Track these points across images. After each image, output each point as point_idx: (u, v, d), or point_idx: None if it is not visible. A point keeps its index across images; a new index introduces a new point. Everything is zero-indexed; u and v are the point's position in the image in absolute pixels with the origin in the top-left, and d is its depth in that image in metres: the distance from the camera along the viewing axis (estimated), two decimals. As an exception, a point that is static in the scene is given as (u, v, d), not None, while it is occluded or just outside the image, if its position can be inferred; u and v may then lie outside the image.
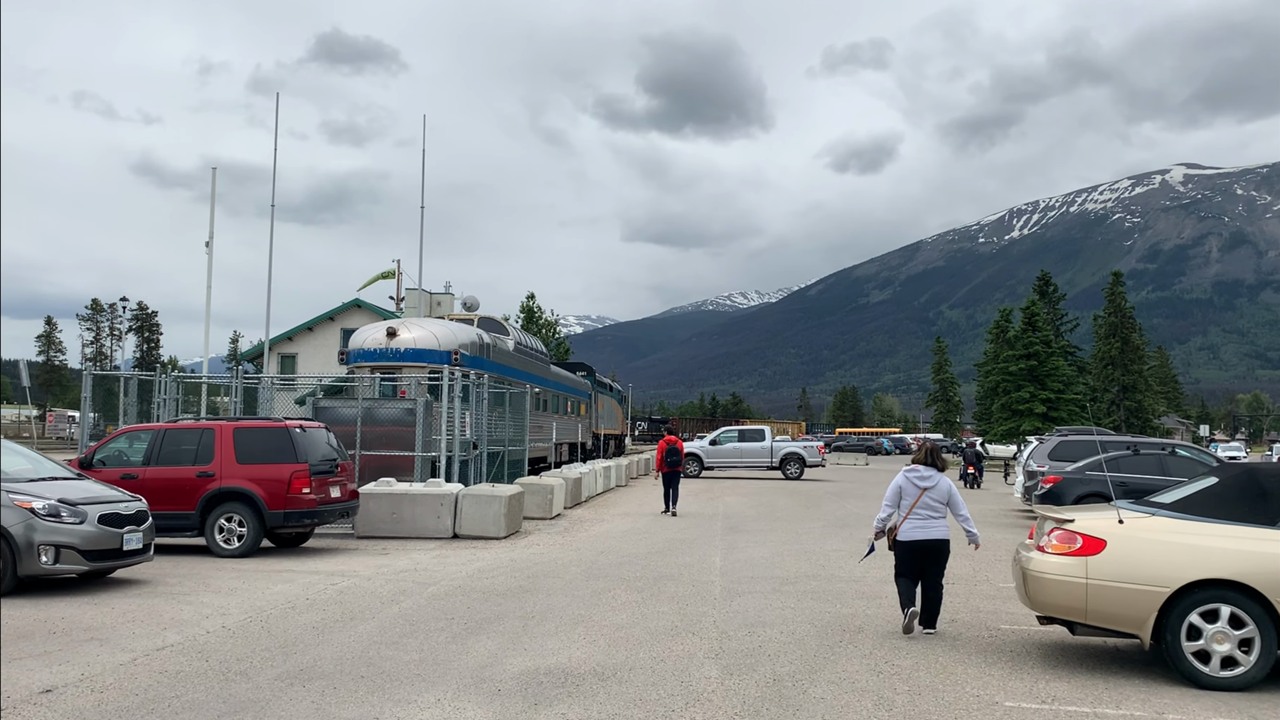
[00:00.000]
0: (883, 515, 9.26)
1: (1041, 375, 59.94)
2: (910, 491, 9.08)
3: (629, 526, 18.92)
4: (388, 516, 16.53)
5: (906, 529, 8.98)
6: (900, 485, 9.13)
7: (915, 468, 9.25)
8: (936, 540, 8.95)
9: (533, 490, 20.19)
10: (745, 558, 14.23)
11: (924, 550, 8.93)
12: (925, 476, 9.10)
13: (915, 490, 9.06)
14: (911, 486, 9.09)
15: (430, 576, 12.18)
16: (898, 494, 9.14)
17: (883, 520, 9.25)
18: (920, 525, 8.95)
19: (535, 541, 16.22)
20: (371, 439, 18.22)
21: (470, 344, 25.23)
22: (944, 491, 9.07)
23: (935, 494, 9.02)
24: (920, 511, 8.96)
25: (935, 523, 8.98)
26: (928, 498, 8.98)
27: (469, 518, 16.53)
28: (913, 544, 8.95)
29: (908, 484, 9.11)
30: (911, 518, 8.98)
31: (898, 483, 9.18)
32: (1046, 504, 19.58)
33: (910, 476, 9.15)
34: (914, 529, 8.95)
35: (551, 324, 63.20)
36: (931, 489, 9.03)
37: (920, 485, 9.07)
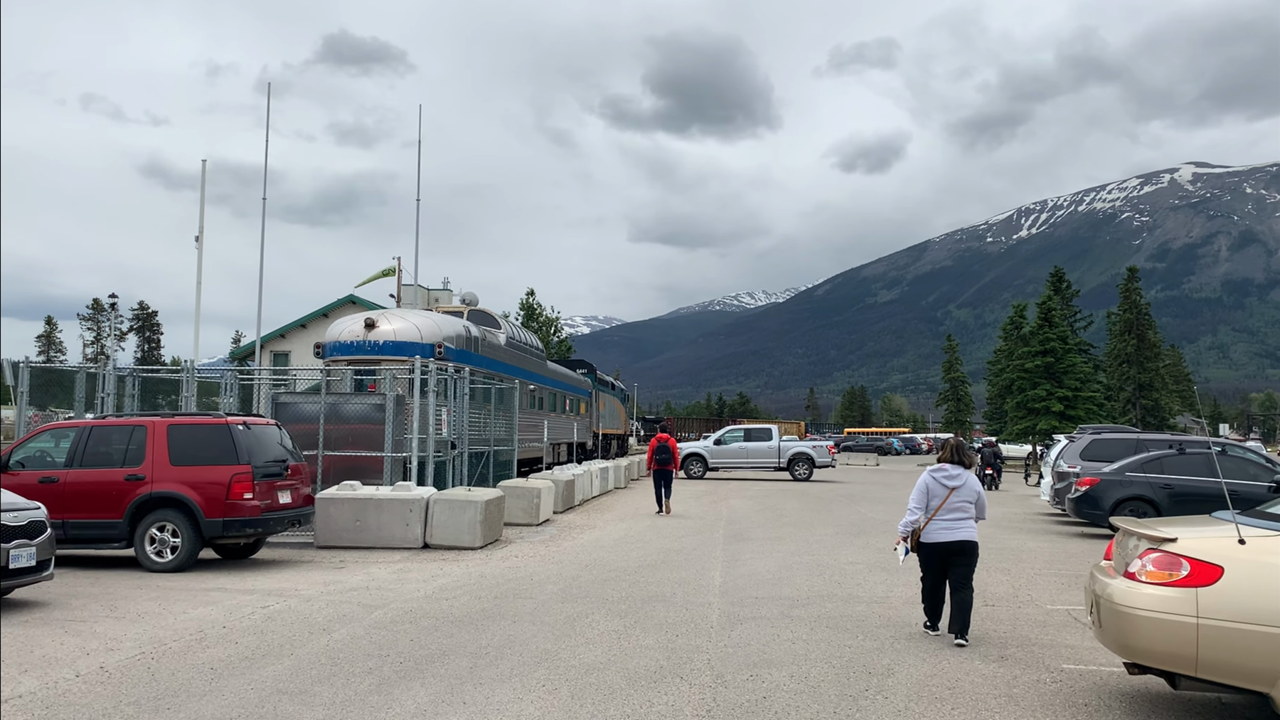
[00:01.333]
0: (911, 519, 8.72)
1: (1058, 372, 57.94)
2: (937, 491, 8.64)
3: (623, 533, 17.17)
4: (351, 524, 14.81)
5: (933, 530, 8.56)
6: (927, 485, 8.68)
7: (943, 466, 8.77)
8: (965, 541, 8.50)
9: (516, 494, 18.44)
10: (749, 572, 12.46)
11: (951, 552, 8.52)
12: (953, 475, 8.64)
13: (943, 490, 8.61)
14: (939, 486, 8.64)
15: (382, 597, 10.45)
16: (925, 494, 8.68)
17: (911, 524, 8.71)
18: (947, 526, 8.52)
19: (515, 552, 14.47)
20: (337, 438, 16.49)
21: (456, 337, 23.52)
22: (971, 491, 8.62)
23: (964, 494, 8.58)
24: (948, 512, 8.55)
25: (963, 523, 8.54)
26: (956, 498, 8.55)
27: (441, 526, 14.80)
28: (939, 546, 8.53)
29: (935, 484, 8.66)
30: (938, 518, 8.56)
31: (924, 483, 8.70)
32: (1083, 509, 17.78)
33: (937, 476, 8.69)
34: (941, 530, 8.53)
35: (552, 321, 61.37)
36: (960, 488, 8.58)
37: (948, 484, 8.61)
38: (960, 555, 8.49)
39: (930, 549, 8.60)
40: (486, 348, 25.79)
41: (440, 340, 22.75)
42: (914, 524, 8.66)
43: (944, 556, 8.55)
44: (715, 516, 20.70)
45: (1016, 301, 75.93)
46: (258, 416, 13.75)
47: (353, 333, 22.73)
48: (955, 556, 8.49)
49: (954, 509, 8.54)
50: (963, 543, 8.49)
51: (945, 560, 8.56)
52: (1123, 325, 78.42)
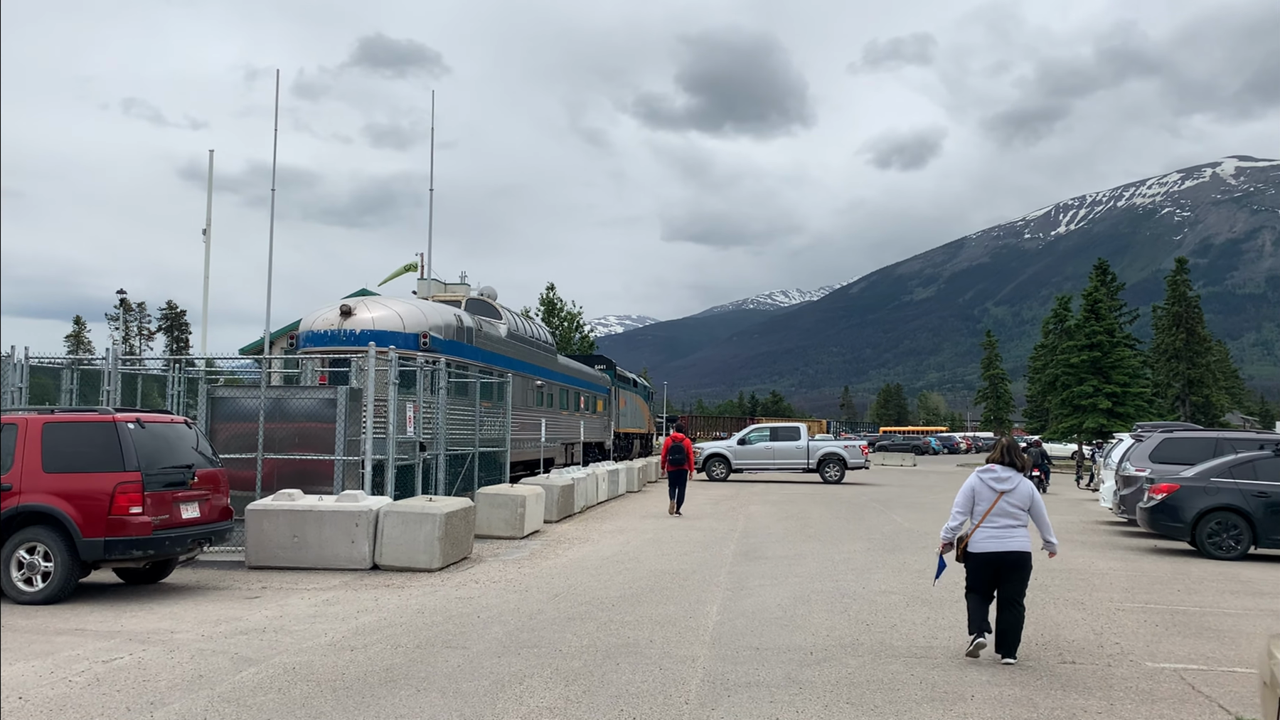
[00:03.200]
0: (953, 524, 7.80)
1: (1105, 367, 54.72)
2: (985, 495, 7.73)
3: (617, 549, 14.74)
4: (288, 541, 12.48)
5: (980, 539, 7.62)
6: (974, 488, 7.79)
7: (991, 468, 7.86)
8: (1016, 553, 7.54)
9: (498, 503, 16.06)
10: (755, 606, 9.97)
11: (1000, 564, 7.56)
12: (1003, 478, 7.75)
13: (991, 494, 7.72)
14: (986, 489, 7.74)
15: (272, 645, 8.08)
16: (970, 499, 7.77)
17: (952, 530, 7.80)
18: (996, 535, 7.59)
19: (478, 575, 12.07)
20: (283, 438, 14.16)
21: (444, 326, 21.20)
22: (1025, 495, 7.70)
23: (1015, 498, 7.67)
24: (997, 518, 7.64)
25: (1014, 532, 7.60)
26: (1006, 502, 7.65)
27: (393, 543, 12.43)
28: (987, 556, 7.58)
29: (982, 486, 7.77)
30: (986, 525, 7.65)
31: (970, 485, 7.81)
32: (1160, 520, 15.12)
33: (985, 478, 7.80)
34: (989, 539, 7.60)
35: (573, 316, 58.94)
36: (1010, 492, 7.68)
37: (996, 488, 7.73)
38: (1011, 569, 7.53)
39: (978, 560, 7.60)
40: (482, 339, 23.46)
41: (426, 329, 20.45)
42: (956, 530, 7.76)
43: (994, 569, 7.56)
44: (729, 527, 18.21)
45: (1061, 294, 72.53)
46: (161, 412, 11.44)
47: (327, 321, 20.46)
48: (1005, 570, 7.53)
49: (1004, 515, 7.61)
50: (1014, 554, 7.51)
51: (994, 573, 7.58)
52: (1170, 319, 75.09)
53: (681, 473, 20.80)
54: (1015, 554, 7.53)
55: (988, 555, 7.56)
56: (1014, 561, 7.54)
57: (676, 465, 20.82)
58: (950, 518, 7.84)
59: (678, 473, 20.78)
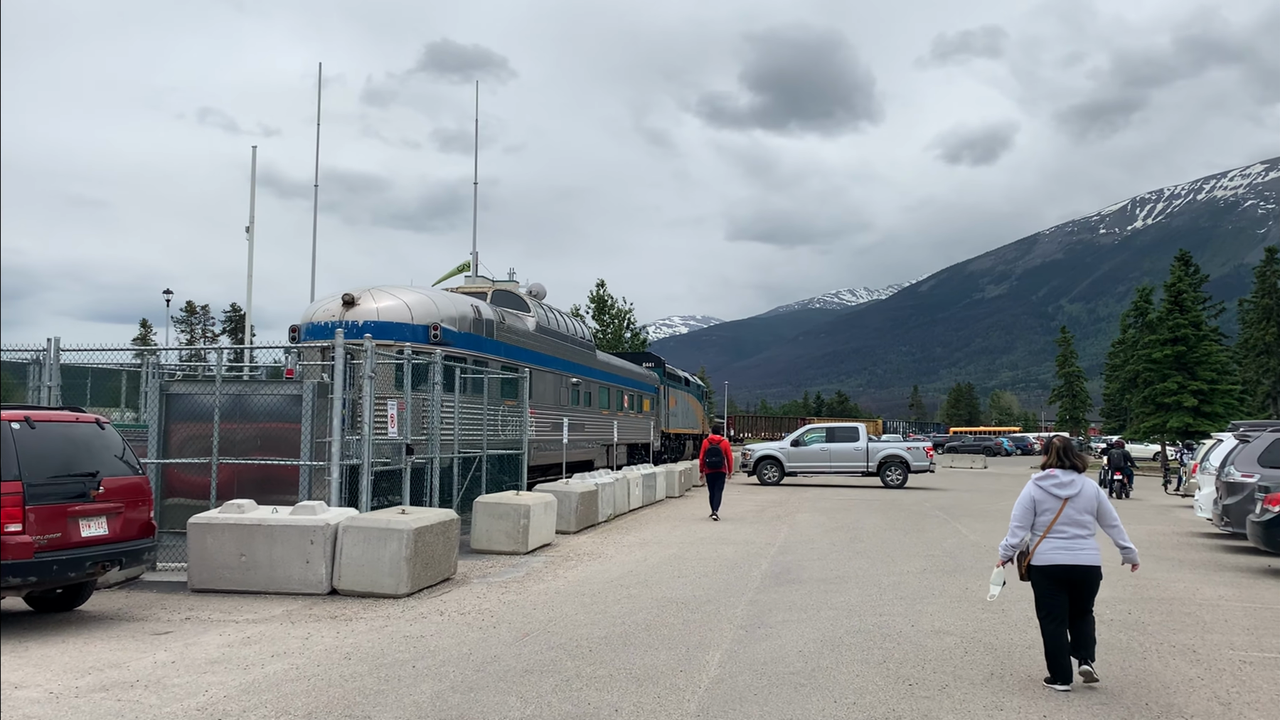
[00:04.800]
0: (1013, 540, 6.93)
1: (1191, 363, 51.10)
2: (1048, 504, 6.83)
3: (629, 568, 12.72)
4: (235, 560, 10.69)
5: (1046, 551, 6.73)
6: (1034, 497, 6.88)
7: (1051, 473, 6.97)
8: (1087, 566, 6.67)
9: (498, 513, 14.14)
10: (770, 653, 7.87)
11: (1071, 578, 6.68)
12: (1065, 483, 6.86)
13: (1054, 501, 6.82)
14: (1048, 497, 6.85)
15: (128, 708, 6.22)
16: (1031, 509, 6.88)
17: (1013, 547, 6.93)
18: (1064, 546, 6.70)
19: (450, 603, 10.14)
20: (244, 441, 12.40)
21: (459, 318, 19.42)
22: (1090, 499, 6.82)
23: (1080, 504, 6.77)
24: (1063, 528, 6.73)
25: (1083, 542, 6.73)
26: (1072, 509, 6.75)
27: (353, 563, 10.56)
28: (1056, 570, 6.70)
29: (1043, 494, 6.87)
30: (1052, 536, 6.75)
31: (1029, 495, 6.93)
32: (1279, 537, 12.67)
33: (1045, 485, 6.91)
34: (1056, 550, 6.70)
35: (624, 313, 56.91)
36: (1075, 497, 6.79)
37: (1059, 494, 6.84)
38: (1082, 584, 6.75)
39: (1048, 574, 6.75)
40: (505, 332, 21.62)
41: (437, 321, 18.70)
42: (1016, 547, 6.92)
43: (1066, 585, 6.73)
44: (767, 539, 16.07)
45: (1142, 285, 68.64)
46: (58, 409, 9.68)
47: (329, 312, 18.82)
48: (1078, 585, 6.74)
49: (1070, 523, 6.79)
50: (1086, 568, 6.71)
51: (1068, 589, 6.75)
52: (1260, 312, 70.73)
53: (719, 475, 20.22)
54: (1087, 567, 6.73)
55: (1058, 569, 6.72)
56: (1086, 575, 6.73)
57: (714, 468, 20.28)
58: (1009, 533, 6.97)
59: (715, 475, 20.21)
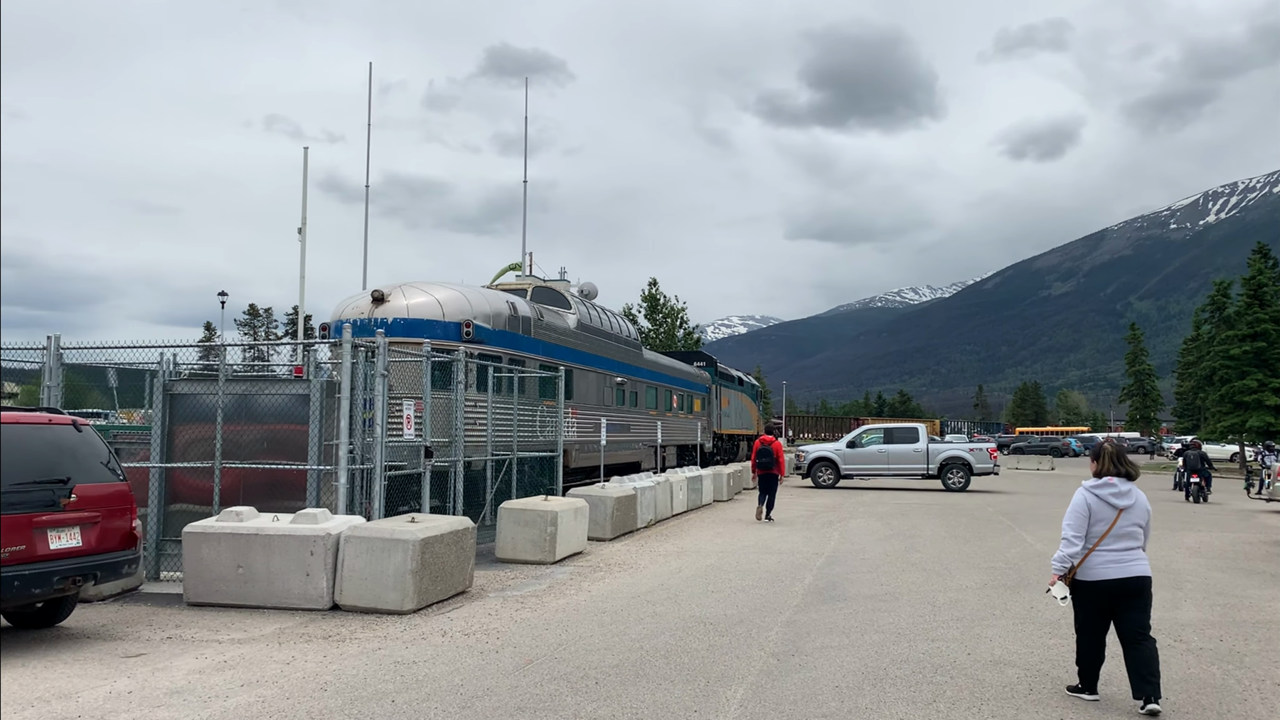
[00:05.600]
0: (1071, 551, 6.37)
1: (1272, 360, 48.63)
2: (1103, 514, 6.35)
3: (660, 580, 11.75)
4: (232, 572, 9.93)
5: (1098, 565, 6.30)
6: (1089, 505, 6.38)
7: (1109, 481, 6.44)
8: (1140, 578, 6.32)
9: (523, 520, 13.26)
10: (800, 690, 6.84)
11: (1122, 594, 6.28)
12: (1122, 492, 6.39)
13: (1110, 511, 6.35)
14: (1104, 507, 6.36)
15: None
16: (1086, 518, 6.37)
17: (1071, 558, 6.37)
18: (1117, 559, 6.30)
19: (456, 622, 9.26)
20: (250, 443, 11.65)
21: (494, 315, 18.64)
22: (1143, 511, 6.44)
23: (1135, 515, 6.38)
24: (1116, 540, 6.32)
25: (1135, 554, 6.38)
26: (1125, 521, 6.33)
27: (355, 576, 9.74)
28: (1108, 585, 6.27)
29: (1099, 503, 6.38)
30: (1104, 549, 6.32)
31: (1084, 502, 6.40)
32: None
33: (1101, 494, 6.40)
34: (1109, 564, 6.29)
35: (677, 312, 55.86)
36: (1130, 508, 6.37)
37: (1116, 504, 6.37)
38: (1136, 597, 6.33)
39: (1094, 590, 6.37)
40: (543, 330, 20.79)
41: (469, 318, 17.95)
42: (1075, 558, 6.41)
43: (1112, 599, 6.34)
44: (815, 548, 14.99)
45: (1219, 279, 65.79)
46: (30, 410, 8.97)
47: (358, 309, 18.16)
48: (1130, 599, 6.33)
49: (1123, 535, 6.38)
50: (1139, 580, 6.34)
51: (1113, 605, 6.36)
52: (1346, 306, 67.47)
53: (770, 477, 19.94)
54: (1141, 579, 6.34)
55: (1109, 584, 6.31)
56: (1139, 588, 6.34)
57: (765, 469, 19.98)
58: (1063, 543, 6.47)
59: (767, 477, 19.94)
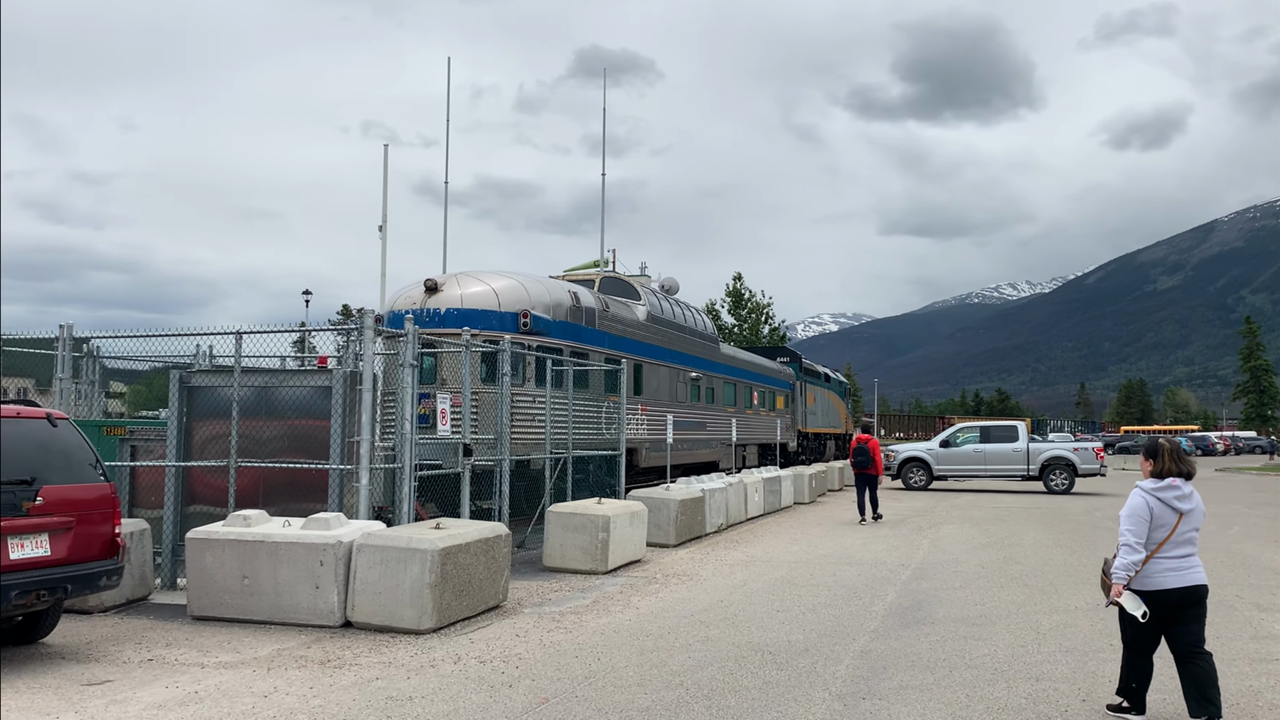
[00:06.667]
0: (1137, 558, 5.75)
1: None
2: (1165, 518, 5.80)
3: (722, 595, 10.42)
4: (236, 583, 8.93)
5: (1157, 573, 5.74)
6: (1151, 509, 5.80)
7: (1173, 483, 5.86)
8: (1200, 587, 5.81)
9: (573, 524, 12.05)
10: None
11: (1183, 602, 5.74)
12: (1184, 494, 5.87)
13: (1172, 516, 5.80)
14: (1166, 510, 5.81)
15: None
16: (1147, 522, 5.78)
17: (1136, 564, 5.74)
18: (1175, 567, 5.77)
19: (476, 645, 8.08)
20: (270, 439, 10.68)
21: (554, 305, 17.54)
22: (1201, 514, 5.97)
23: (1194, 519, 5.90)
24: (1176, 547, 5.79)
25: (1193, 561, 5.85)
26: (1186, 525, 5.82)
27: (368, 590, 8.64)
28: (1167, 595, 5.70)
29: (1161, 507, 5.81)
30: (1161, 556, 5.76)
31: (1146, 505, 5.81)
32: None
33: (1164, 496, 5.83)
34: (1168, 572, 5.75)
35: (762, 307, 54.25)
36: (1190, 512, 5.87)
37: (1179, 507, 5.82)
38: (1194, 608, 5.76)
39: (1153, 601, 5.66)
40: (608, 321, 19.61)
41: (527, 308, 16.88)
42: (1139, 565, 5.72)
43: (1169, 611, 5.71)
44: (902, 558, 13.49)
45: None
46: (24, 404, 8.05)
47: (411, 299, 17.24)
48: (1188, 610, 5.73)
49: (1183, 541, 5.80)
50: (1199, 589, 5.78)
51: (1169, 616, 5.73)
52: None
53: (869, 476, 19.37)
54: (1200, 588, 5.86)
55: (1170, 594, 5.77)
56: (1199, 598, 5.86)
57: (861, 468, 19.43)
58: (1124, 549, 5.85)
59: (863, 476, 19.37)
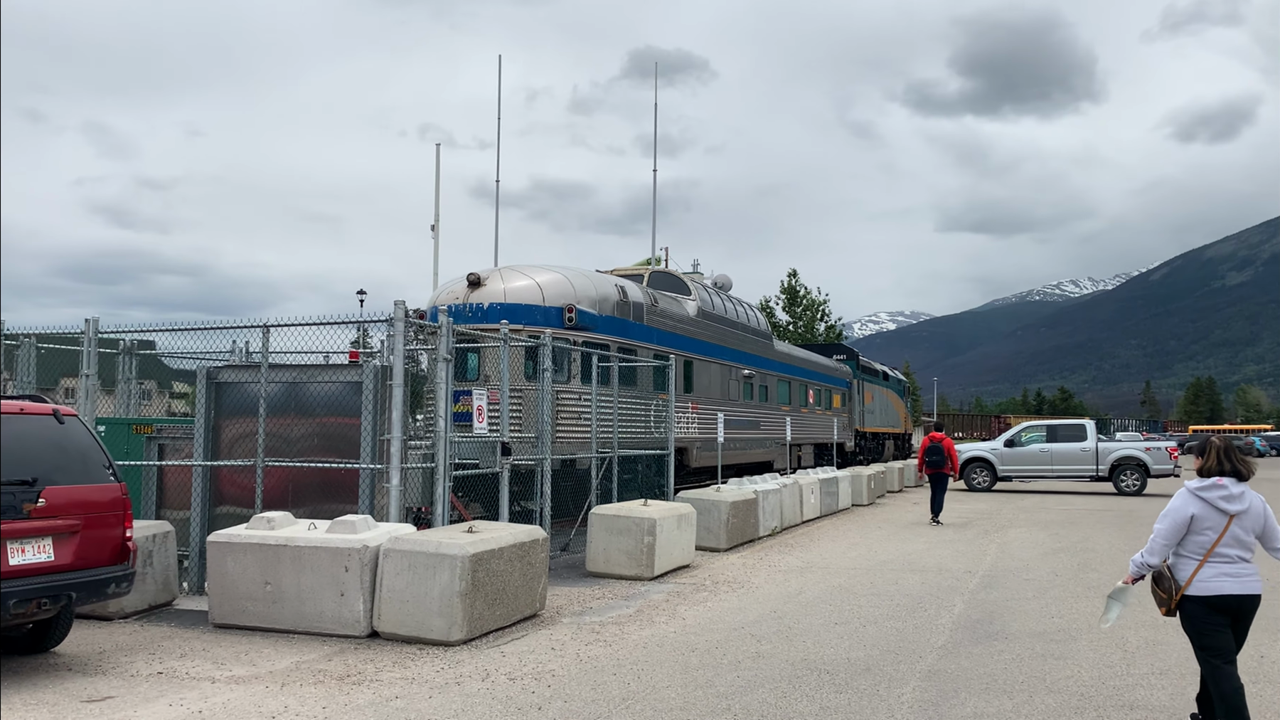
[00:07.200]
0: (1153, 560, 5.34)
1: None
2: (1210, 520, 5.25)
3: (775, 605, 9.74)
4: (259, 589, 8.44)
5: (1210, 578, 5.19)
6: (1193, 511, 5.28)
7: (1219, 483, 5.29)
8: (1255, 596, 5.28)
9: (617, 527, 11.43)
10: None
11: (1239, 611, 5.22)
12: (1233, 495, 5.29)
13: (1219, 518, 5.24)
14: (1213, 512, 5.25)
15: None
16: (1185, 525, 5.28)
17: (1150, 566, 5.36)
18: (1231, 573, 5.21)
19: (509, 658, 7.49)
20: (301, 438, 10.21)
21: (600, 300, 17.00)
22: (1258, 516, 5.30)
23: (1248, 521, 5.27)
24: (1229, 550, 5.23)
25: (1249, 568, 5.29)
26: (1238, 528, 5.25)
27: (395, 598, 8.09)
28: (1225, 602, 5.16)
29: (1207, 509, 5.27)
30: (1215, 560, 5.21)
31: (1186, 508, 5.29)
32: None
33: (1210, 497, 5.27)
34: (1223, 578, 5.19)
35: (818, 304, 53.27)
36: (1243, 514, 5.26)
37: (1226, 509, 5.25)
38: (1246, 618, 5.26)
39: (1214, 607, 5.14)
40: (657, 316, 19.00)
41: (572, 303, 16.34)
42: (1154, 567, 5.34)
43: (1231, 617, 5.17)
44: (968, 565, 12.67)
45: None
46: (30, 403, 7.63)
47: (453, 294, 16.80)
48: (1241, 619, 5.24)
49: (1236, 545, 5.23)
50: (1253, 598, 5.24)
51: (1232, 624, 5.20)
52: None
53: (942, 476, 18.92)
54: (1255, 598, 5.25)
55: (1227, 600, 5.16)
56: (1252, 608, 5.27)
57: (934, 468, 19.03)
58: (1150, 548, 5.37)
59: (936, 476, 18.94)
